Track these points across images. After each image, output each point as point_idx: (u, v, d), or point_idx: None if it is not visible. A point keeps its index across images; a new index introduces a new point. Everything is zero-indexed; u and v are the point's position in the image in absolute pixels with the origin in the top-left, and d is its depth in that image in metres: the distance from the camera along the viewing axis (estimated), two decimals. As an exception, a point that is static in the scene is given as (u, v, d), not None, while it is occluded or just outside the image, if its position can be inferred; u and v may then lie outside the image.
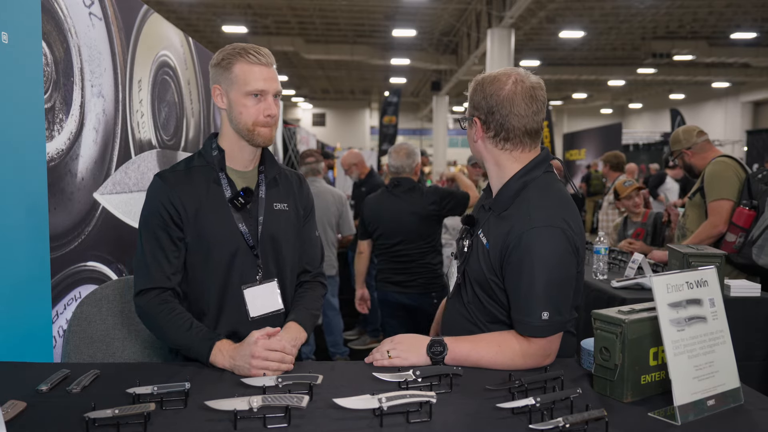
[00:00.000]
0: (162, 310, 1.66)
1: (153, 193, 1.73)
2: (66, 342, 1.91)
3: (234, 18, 16.74)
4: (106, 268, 2.43)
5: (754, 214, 3.13)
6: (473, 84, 1.69)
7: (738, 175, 3.30)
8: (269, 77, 1.70)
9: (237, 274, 1.74)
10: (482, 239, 1.66)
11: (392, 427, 1.23)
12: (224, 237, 1.72)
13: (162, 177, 1.74)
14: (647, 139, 21.61)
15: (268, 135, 1.74)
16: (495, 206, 1.67)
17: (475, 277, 1.67)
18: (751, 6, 14.87)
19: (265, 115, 1.70)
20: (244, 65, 1.68)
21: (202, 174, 1.75)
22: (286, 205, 1.85)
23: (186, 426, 1.23)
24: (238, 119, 1.71)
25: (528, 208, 1.58)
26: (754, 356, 2.74)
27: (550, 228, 1.54)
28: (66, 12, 2.18)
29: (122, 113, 2.64)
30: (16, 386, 1.41)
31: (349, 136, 31.87)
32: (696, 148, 3.56)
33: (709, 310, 1.37)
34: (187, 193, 1.71)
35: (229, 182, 1.75)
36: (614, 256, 3.72)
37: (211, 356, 1.59)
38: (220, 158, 1.76)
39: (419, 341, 1.62)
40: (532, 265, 1.53)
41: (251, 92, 1.68)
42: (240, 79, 1.68)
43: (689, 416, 1.27)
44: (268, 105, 1.70)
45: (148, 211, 1.73)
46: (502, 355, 1.57)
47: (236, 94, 1.69)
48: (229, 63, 1.69)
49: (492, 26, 13.79)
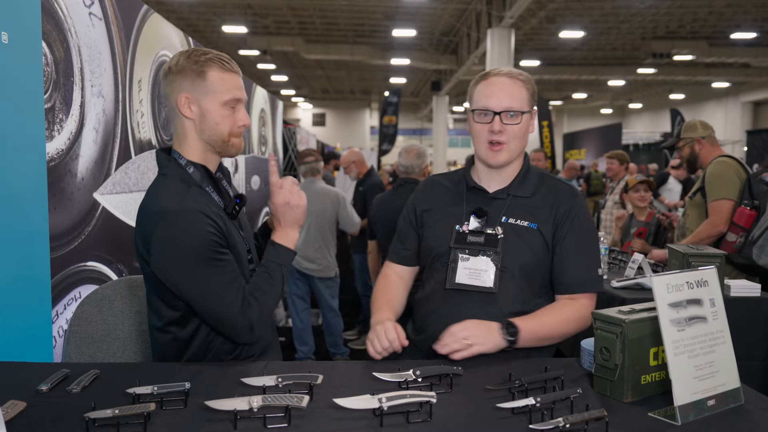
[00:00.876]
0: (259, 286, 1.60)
1: (191, 223, 1.51)
2: (66, 342, 1.91)
3: (234, 18, 16.74)
4: (106, 268, 2.44)
5: (755, 214, 3.13)
6: (528, 79, 1.80)
7: (739, 175, 3.30)
8: (241, 85, 1.63)
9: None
10: (520, 223, 1.75)
11: (392, 427, 1.23)
12: (241, 248, 1.66)
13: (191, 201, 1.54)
14: (647, 139, 21.60)
15: (240, 145, 1.66)
16: (519, 191, 1.81)
17: (521, 262, 1.73)
18: (751, 6, 14.88)
19: (239, 125, 1.62)
20: (219, 73, 1.57)
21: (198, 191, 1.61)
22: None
23: (186, 426, 1.23)
24: (212, 130, 1.60)
25: (558, 184, 1.84)
26: (754, 356, 2.74)
27: (584, 200, 1.84)
28: (66, 12, 2.18)
29: (122, 113, 2.64)
30: (16, 386, 1.41)
31: (349, 136, 31.87)
32: (708, 139, 3.57)
33: (709, 310, 1.37)
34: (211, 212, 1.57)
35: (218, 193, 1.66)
36: (614, 256, 3.72)
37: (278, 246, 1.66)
38: (205, 172, 1.64)
39: (489, 326, 1.62)
40: (587, 230, 1.79)
41: (228, 101, 1.59)
42: (216, 87, 1.57)
43: (689, 416, 1.27)
44: (243, 115, 1.63)
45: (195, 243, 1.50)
46: (567, 322, 1.73)
47: (211, 103, 1.58)
48: (201, 70, 1.56)
49: (492, 26, 13.80)
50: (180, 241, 1.50)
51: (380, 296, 1.89)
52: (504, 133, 1.74)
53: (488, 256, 1.72)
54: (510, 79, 1.76)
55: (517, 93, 1.75)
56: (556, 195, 1.80)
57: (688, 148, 3.61)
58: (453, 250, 1.77)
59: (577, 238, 1.76)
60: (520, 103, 1.75)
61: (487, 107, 1.74)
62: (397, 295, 1.91)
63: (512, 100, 1.74)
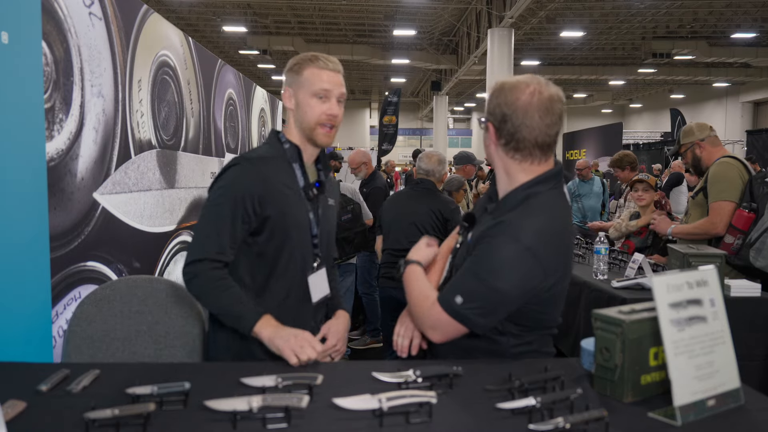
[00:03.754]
0: (214, 277, 1.73)
1: (239, 176, 1.78)
2: (66, 342, 1.91)
3: (234, 18, 16.75)
4: (106, 268, 2.43)
5: (754, 216, 3.12)
6: (494, 88, 1.64)
7: (742, 176, 3.28)
8: (334, 81, 1.83)
9: (303, 261, 1.85)
10: (469, 238, 1.69)
11: (392, 427, 1.23)
12: (300, 225, 1.83)
13: (249, 161, 1.81)
14: (647, 139, 21.61)
15: (326, 138, 1.85)
16: (495, 211, 1.64)
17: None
18: (751, 6, 14.88)
19: (327, 114, 1.81)
20: (314, 69, 1.82)
21: (277, 163, 1.84)
22: (333, 201, 2.00)
23: (186, 426, 1.23)
24: (302, 118, 1.83)
25: (513, 217, 1.55)
26: (754, 356, 2.74)
27: (516, 242, 1.50)
28: (66, 12, 2.18)
29: (122, 113, 2.63)
30: (16, 386, 1.41)
31: (349, 136, 31.88)
32: (708, 141, 3.54)
33: (709, 310, 1.37)
34: (271, 180, 1.79)
35: (302, 172, 1.86)
36: (614, 256, 3.72)
37: (257, 325, 1.68)
38: (296, 151, 1.86)
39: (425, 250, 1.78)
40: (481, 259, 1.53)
41: (317, 92, 1.80)
42: (308, 81, 1.81)
43: (689, 416, 1.27)
44: (331, 105, 1.82)
45: (229, 190, 1.77)
46: (419, 300, 1.66)
47: (304, 94, 1.82)
48: (300, 68, 1.83)
49: (492, 26, 13.80)
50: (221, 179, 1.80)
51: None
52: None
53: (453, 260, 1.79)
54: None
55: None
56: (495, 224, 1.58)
57: (690, 153, 3.59)
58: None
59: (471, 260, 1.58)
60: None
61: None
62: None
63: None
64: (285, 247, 1.82)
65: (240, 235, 1.77)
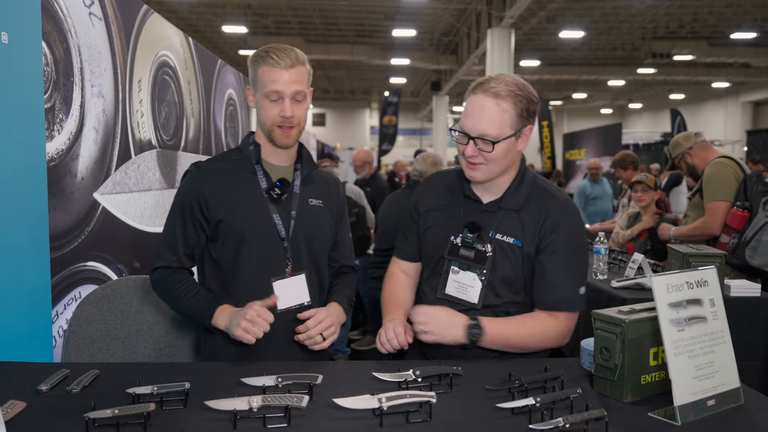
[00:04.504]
0: (175, 279, 1.76)
1: (187, 181, 1.80)
2: (66, 342, 1.91)
3: (234, 18, 16.73)
4: (106, 268, 2.43)
5: (748, 215, 3.15)
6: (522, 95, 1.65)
7: (736, 176, 3.33)
8: (287, 79, 1.71)
9: (267, 266, 1.77)
10: (506, 239, 1.71)
11: (392, 427, 1.23)
12: (260, 227, 1.76)
13: (198, 166, 1.80)
14: (647, 139, 21.60)
15: (285, 139, 1.77)
16: (509, 204, 1.74)
17: (503, 277, 1.71)
18: (751, 6, 14.87)
19: (281, 116, 1.73)
20: (265, 68, 1.72)
21: (239, 166, 1.81)
22: (321, 202, 1.88)
23: (186, 426, 1.23)
24: (260, 119, 1.79)
25: (550, 196, 1.75)
26: (754, 356, 2.74)
27: (577, 214, 1.76)
28: (66, 12, 2.18)
29: (122, 113, 2.63)
30: (16, 386, 1.41)
31: (349, 136, 31.84)
32: (696, 147, 3.63)
33: (709, 310, 1.37)
34: (223, 184, 1.77)
35: (264, 174, 1.80)
36: (614, 256, 3.72)
37: (213, 318, 1.67)
38: (257, 152, 1.81)
39: (453, 320, 1.65)
40: (573, 247, 1.72)
41: (268, 94, 1.72)
42: (261, 81, 1.73)
43: (689, 416, 1.27)
44: (284, 107, 1.72)
45: (180, 197, 1.80)
46: (529, 336, 1.69)
47: (259, 95, 1.76)
48: (254, 65, 1.75)
49: (492, 26, 13.78)
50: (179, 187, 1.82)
51: (389, 297, 1.90)
52: (478, 156, 1.67)
53: (475, 272, 1.73)
54: (495, 100, 1.63)
55: (497, 118, 1.63)
56: (546, 209, 1.72)
57: (683, 163, 3.73)
58: (447, 261, 1.77)
59: (563, 255, 1.70)
60: (499, 129, 1.63)
61: (463, 128, 1.68)
62: (405, 294, 1.92)
63: (490, 126, 1.63)
64: (241, 252, 1.75)
65: (194, 240, 1.77)
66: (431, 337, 1.64)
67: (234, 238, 1.75)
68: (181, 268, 1.78)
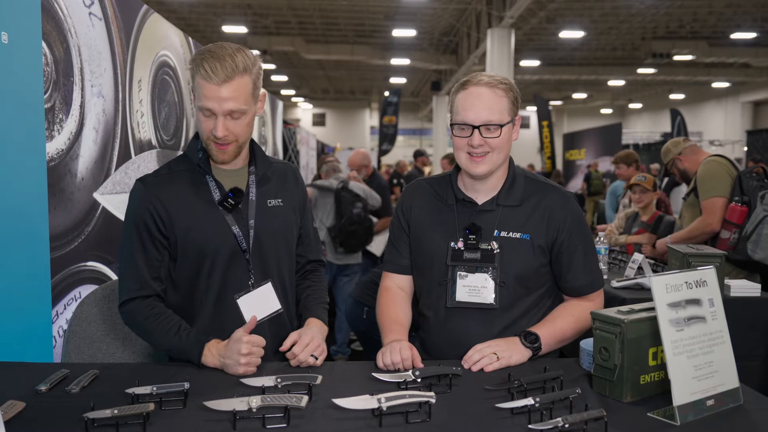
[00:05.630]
0: (149, 315, 1.64)
1: (134, 199, 1.67)
2: (66, 342, 1.91)
3: (234, 18, 16.73)
4: (106, 268, 2.43)
5: (747, 209, 3.18)
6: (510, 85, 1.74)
7: (730, 172, 3.38)
8: (219, 97, 1.55)
9: (231, 280, 1.69)
10: (512, 235, 1.73)
11: (391, 427, 1.23)
12: (218, 241, 1.66)
13: (144, 182, 1.68)
14: (647, 139, 21.61)
15: (221, 155, 1.64)
16: (507, 200, 1.77)
17: (516, 274, 1.72)
18: (751, 6, 14.87)
19: (213, 134, 1.60)
20: (199, 80, 1.56)
21: (188, 177, 1.69)
22: (281, 200, 1.79)
23: (185, 426, 1.24)
24: (198, 130, 1.67)
25: (546, 188, 1.80)
26: (754, 356, 2.74)
27: (572, 197, 1.83)
28: (66, 12, 2.18)
29: (122, 113, 2.64)
30: (16, 386, 1.41)
31: (349, 136, 31.85)
32: (686, 152, 3.74)
33: (708, 310, 1.37)
34: (171, 199, 1.65)
35: (216, 184, 1.69)
36: (614, 256, 3.72)
37: (202, 358, 1.58)
38: (205, 159, 1.69)
39: (510, 340, 1.67)
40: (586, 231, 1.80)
41: (200, 108, 1.59)
42: (196, 91, 1.59)
43: (688, 416, 1.27)
44: (216, 125, 1.58)
45: (130, 219, 1.67)
46: (578, 321, 1.74)
47: (196, 104, 1.61)
48: (192, 72, 1.59)
49: (492, 26, 13.78)
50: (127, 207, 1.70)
51: (387, 314, 1.81)
52: (484, 145, 1.68)
53: (486, 272, 1.71)
54: (490, 89, 1.69)
55: (497, 104, 1.68)
56: (549, 202, 1.76)
57: (675, 168, 3.83)
58: (450, 268, 1.74)
59: (580, 241, 1.77)
60: (500, 115, 1.68)
61: (465, 121, 1.68)
62: (404, 310, 1.84)
63: (491, 113, 1.67)
64: (203, 270, 1.66)
65: (158, 261, 1.66)
66: (505, 361, 1.59)
67: (192, 256, 1.66)
68: (150, 296, 1.66)
